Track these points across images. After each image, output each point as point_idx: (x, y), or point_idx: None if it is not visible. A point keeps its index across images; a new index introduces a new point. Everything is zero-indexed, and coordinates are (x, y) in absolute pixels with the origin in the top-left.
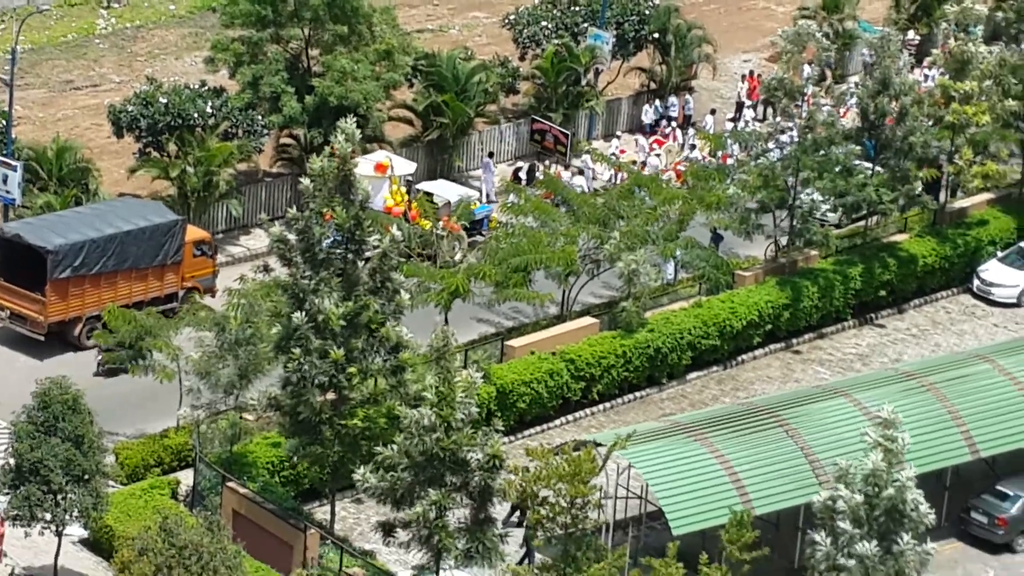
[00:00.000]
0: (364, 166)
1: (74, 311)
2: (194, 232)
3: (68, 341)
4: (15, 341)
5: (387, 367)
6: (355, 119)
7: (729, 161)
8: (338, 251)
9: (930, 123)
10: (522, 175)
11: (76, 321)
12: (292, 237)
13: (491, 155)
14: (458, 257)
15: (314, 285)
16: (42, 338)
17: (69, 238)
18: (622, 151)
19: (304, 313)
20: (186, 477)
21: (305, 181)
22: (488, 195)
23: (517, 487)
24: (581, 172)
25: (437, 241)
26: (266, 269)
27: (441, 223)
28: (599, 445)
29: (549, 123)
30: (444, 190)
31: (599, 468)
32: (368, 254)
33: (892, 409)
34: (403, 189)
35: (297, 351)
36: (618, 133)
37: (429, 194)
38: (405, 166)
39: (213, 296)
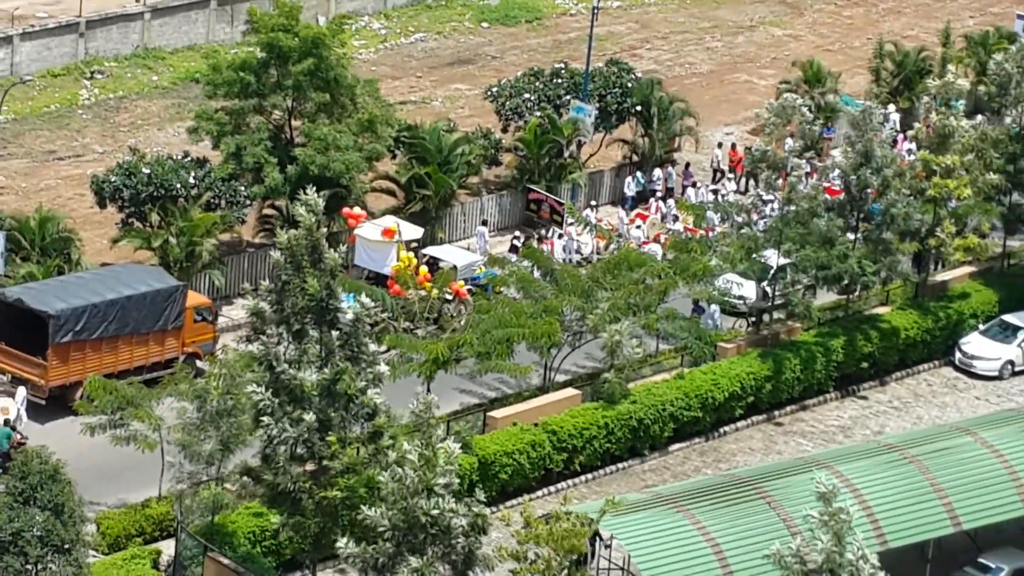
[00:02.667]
0: (372, 231)
1: (75, 375)
2: (195, 298)
3: (69, 405)
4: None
5: (364, 434)
6: (334, 189)
7: (711, 233)
8: (310, 320)
9: (912, 196)
10: (518, 243)
11: (77, 385)
12: (267, 308)
13: (484, 223)
14: (464, 322)
15: (289, 354)
16: (43, 402)
17: (71, 303)
18: (599, 220)
19: (279, 383)
20: (168, 547)
21: (275, 254)
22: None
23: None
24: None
25: (443, 306)
26: (248, 339)
27: (448, 288)
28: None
29: (545, 193)
30: (450, 255)
31: (588, 534)
32: (341, 323)
33: (830, 483)
34: (410, 254)
35: (267, 419)
36: (592, 203)
37: (435, 259)
38: (413, 231)
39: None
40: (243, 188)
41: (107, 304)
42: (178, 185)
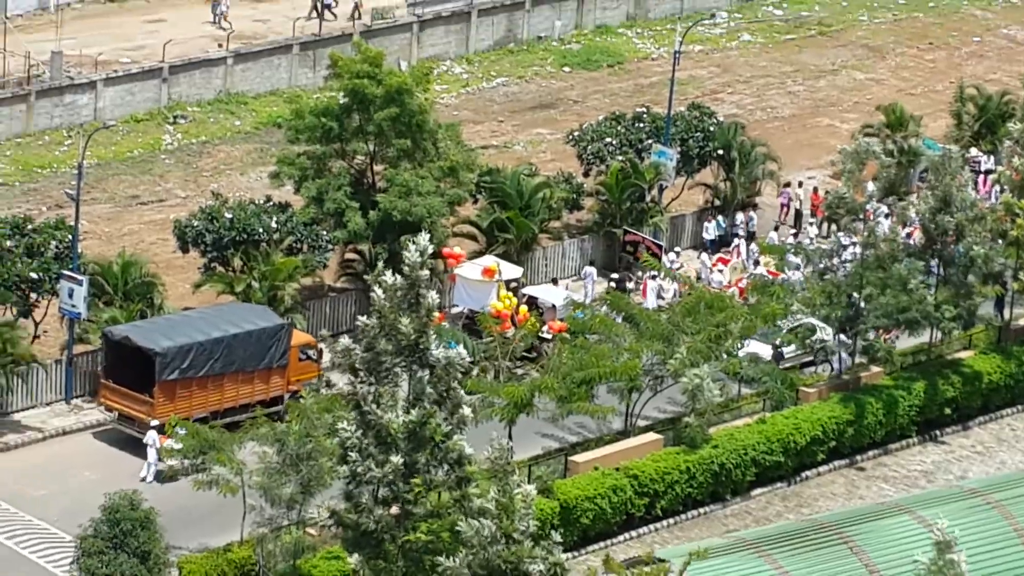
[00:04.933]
0: (473, 270)
1: (181, 412)
2: (300, 336)
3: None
4: (123, 442)
5: (451, 480)
6: (416, 234)
7: (794, 276)
8: (401, 362)
9: (994, 240)
10: (613, 285)
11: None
12: (358, 348)
13: (592, 263)
14: (546, 364)
15: (377, 396)
16: (144, 441)
17: (177, 340)
18: (680, 265)
19: (366, 424)
20: None
21: (377, 291)
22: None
23: None
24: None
25: (542, 344)
26: (328, 384)
27: (546, 327)
28: (663, 561)
29: (642, 235)
30: (549, 295)
31: None
32: (431, 366)
33: (946, 529)
34: (510, 293)
35: (354, 454)
36: (677, 249)
37: (534, 298)
38: (512, 271)
39: None
40: (325, 233)
41: (213, 342)
42: (260, 229)
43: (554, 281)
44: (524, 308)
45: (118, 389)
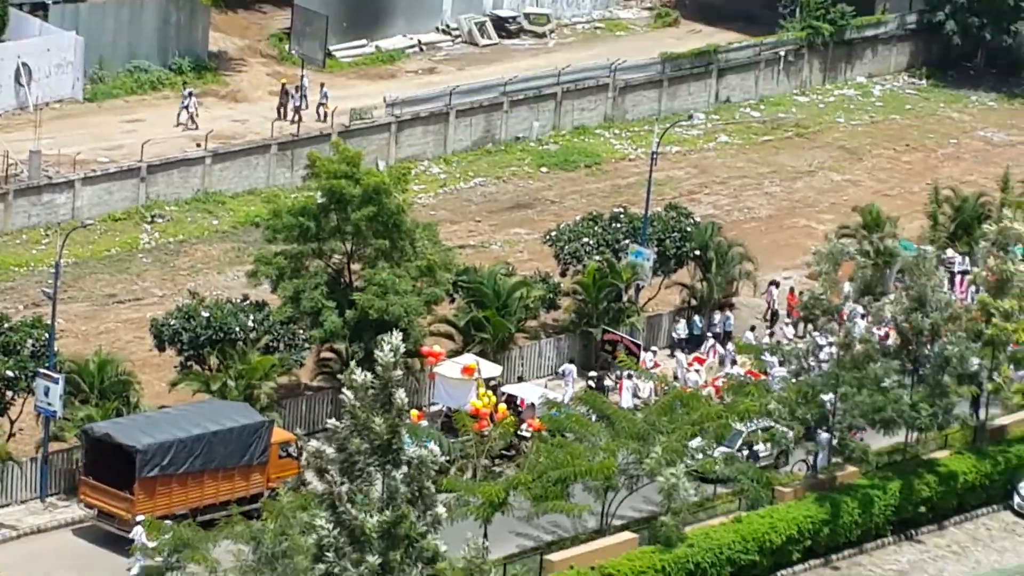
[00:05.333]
0: (452, 368)
1: (161, 509)
2: (280, 434)
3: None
4: (102, 539)
5: None
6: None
7: (772, 376)
8: (374, 462)
9: (969, 339)
10: (591, 384)
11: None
12: (329, 450)
13: (572, 361)
14: (521, 463)
15: (350, 495)
16: (130, 536)
17: (157, 437)
18: (656, 364)
19: (339, 524)
20: None
21: (347, 392)
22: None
23: None
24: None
25: (521, 442)
26: (303, 483)
27: (525, 424)
28: None
29: (620, 334)
30: (527, 392)
31: None
32: (404, 465)
33: None
34: (489, 391)
35: (331, 554)
36: (653, 348)
37: (513, 396)
38: (491, 369)
39: None
40: (302, 331)
41: (194, 439)
42: (237, 328)
43: (571, 360)
44: (503, 406)
45: (98, 486)
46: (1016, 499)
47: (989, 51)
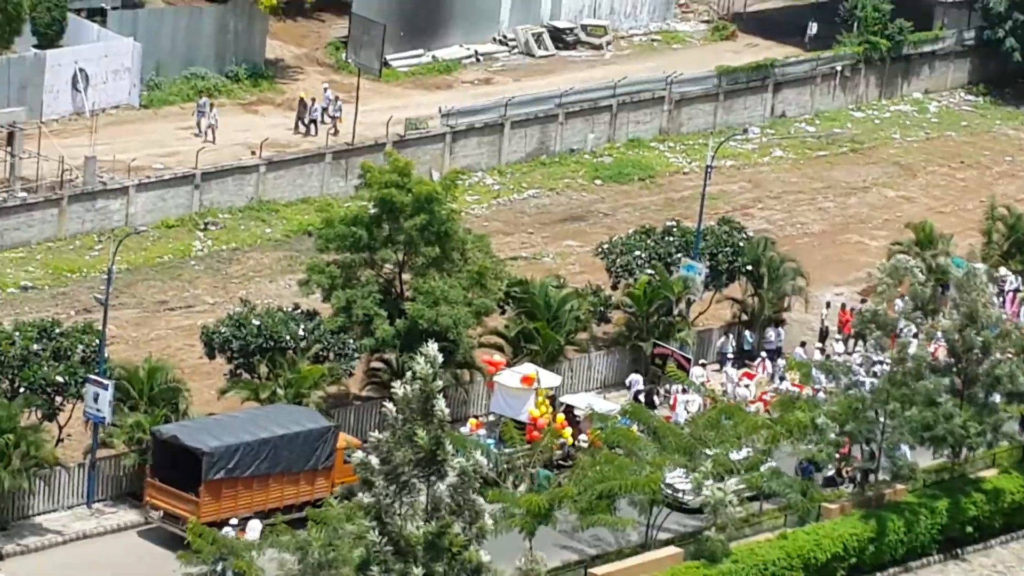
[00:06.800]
0: (511, 378)
1: (227, 512)
2: (345, 439)
3: None
4: (167, 541)
5: None
6: (444, 343)
7: (819, 394)
8: (419, 473)
9: (1021, 358)
10: (641, 398)
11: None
12: (375, 461)
13: (637, 371)
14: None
15: (396, 507)
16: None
17: (224, 440)
18: (707, 380)
19: (385, 535)
20: None
21: (389, 406)
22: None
23: None
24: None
25: (578, 453)
26: (350, 493)
27: (584, 436)
28: None
29: (671, 348)
30: (586, 403)
31: None
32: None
33: None
34: (548, 401)
35: (375, 569)
36: (703, 362)
37: (571, 407)
38: (551, 379)
39: None
40: (352, 341)
41: (260, 443)
42: (287, 337)
43: (637, 371)
44: (561, 416)
45: (164, 488)
46: None
47: None
